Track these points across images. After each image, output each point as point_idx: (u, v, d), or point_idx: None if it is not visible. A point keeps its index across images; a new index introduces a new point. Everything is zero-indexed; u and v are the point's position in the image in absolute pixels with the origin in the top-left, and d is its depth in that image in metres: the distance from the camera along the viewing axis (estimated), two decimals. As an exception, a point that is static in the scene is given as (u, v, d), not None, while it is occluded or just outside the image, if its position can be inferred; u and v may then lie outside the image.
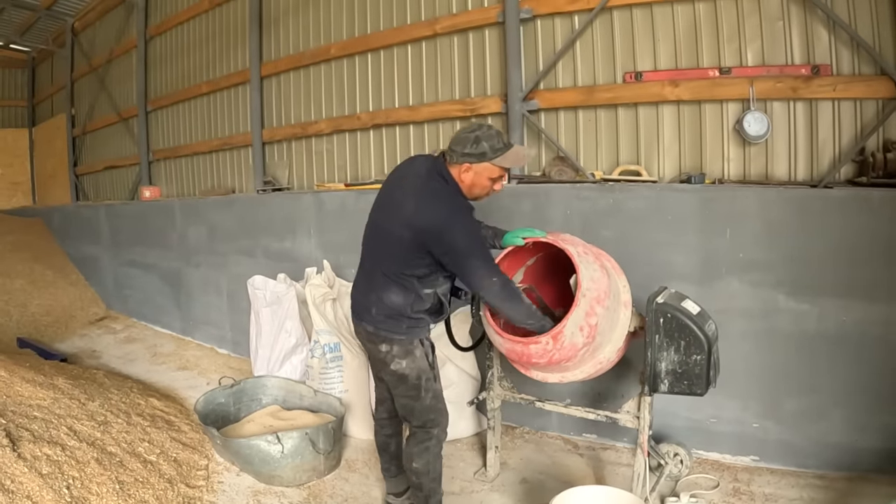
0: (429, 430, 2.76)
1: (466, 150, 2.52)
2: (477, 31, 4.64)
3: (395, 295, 2.62)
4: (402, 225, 2.53)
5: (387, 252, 2.63)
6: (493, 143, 2.51)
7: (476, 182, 2.58)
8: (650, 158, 4.02)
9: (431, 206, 2.50)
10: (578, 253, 2.59)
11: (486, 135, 2.52)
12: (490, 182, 2.59)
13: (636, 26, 4.00)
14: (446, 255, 2.50)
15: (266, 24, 6.27)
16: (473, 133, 2.53)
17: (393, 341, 2.67)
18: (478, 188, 2.60)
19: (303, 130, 5.97)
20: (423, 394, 2.72)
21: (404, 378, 2.71)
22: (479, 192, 2.62)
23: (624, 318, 2.69)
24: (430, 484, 2.79)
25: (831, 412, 3.22)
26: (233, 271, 5.71)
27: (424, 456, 2.76)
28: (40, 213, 9.39)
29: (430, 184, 2.57)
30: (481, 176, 2.56)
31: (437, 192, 2.55)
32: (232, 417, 3.97)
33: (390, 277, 2.62)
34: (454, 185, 2.58)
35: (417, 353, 2.70)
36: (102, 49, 9.08)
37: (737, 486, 3.19)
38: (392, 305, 2.63)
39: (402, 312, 2.64)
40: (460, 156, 2.54)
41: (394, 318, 2.65)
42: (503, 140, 2.55)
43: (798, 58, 3.61)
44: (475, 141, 2.51)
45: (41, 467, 2.82)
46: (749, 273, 3.31)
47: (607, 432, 3.73)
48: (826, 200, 3.20)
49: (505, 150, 2.54)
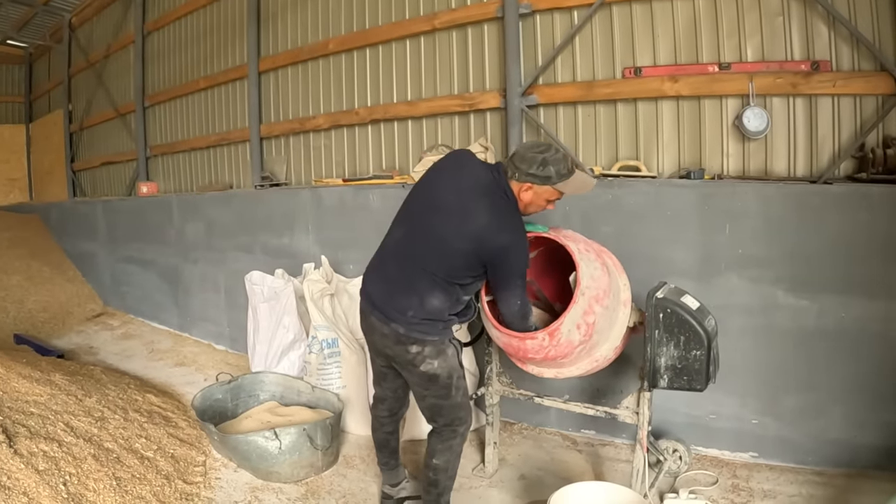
0: (455, 427, 2.73)
1: (532, 170, 2.51)
2: (476, 26, 4.63)
3: (437, 299, 2.58)
4: (468, 236, 2.50)
5: (440, 257, 2.56)
6: (559, 169, 2.52)
7: (534, 202, 2.59)
8: (649, 154, 4.01)
9: (503, 224, 2.51)
10: (579, 250, 2.59)
11: (554, 159, 2.52)
12: (546, 202, 2.62)
13: (635, 21, 3.99)
14: (497, 270, 2.53)
15: (264, 19, 6.25)
16: (542, 155, 2.52)
17: (426, 343, 2.62)
18: (533, 207, 2.62)
19: (301, 126, 5.95)
20: (454, 392, 2.69)
21: (435, 378, 2.66)
22: (533, 211, 2.65)
23: (623, 317, 2.69)
24: (446, 481, 2.78)
25: (830, 409, 3.22)
26: (231, 267, 5.69)
27: (446, 454, 2.74)
28: (37, 209, 9.35)
29: (498, 200, 2.56)
30: (540, 197, 2.58)
31: (508, 211, 2.56)
32: (229, 413, 3.95)
33: (437, 282, 2.57)
34: (514, 201, 2.59)
35: (449, 353, 2.68)
36: (100, 44, 9.05)
37: (736, 483, 3.19)
38: (432, 309, 2.59)
39: (441, 317, 2.62)
40: (524, 175, 2.53)
41: (430, 321, 2.61)
42: (568, 165, 2.55)
43: (798, 53, 3.60)
44: (542, 164, 2.50)
45: (38, 464, 2.80)
46: (748, 269, 3.30)
47: (606, 428, 3.73)
48: (825, 196, 3.20)
49: (569, 176, 2.54)
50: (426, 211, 2.63)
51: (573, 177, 2.55)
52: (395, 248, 2.70)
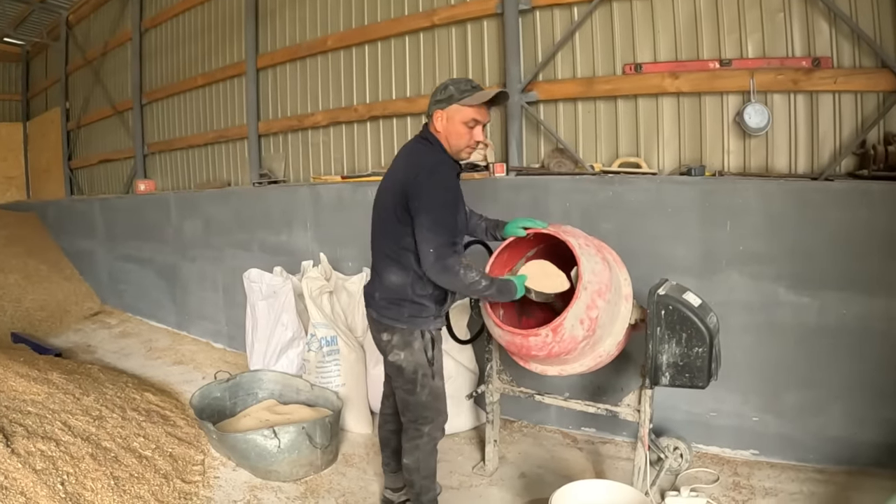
0: (419, 426, 2.70)
1: (436, 97, 2.55)
2: (475, 22, 4.61)
3: (394, 275, 2.58)
4: (392, 191, 2.54)
5: (382, 228, 2.62)
6: (460, 86, 2.51)
7: (450, 129, 2.54)
8: (650, 150, 3.99)
9: (412, 160, 2.55)
10: (580, 245, 2.57)
11: (454, 81, 2.56)
12: (466, 129, 2.54)
13: (636, 17, 3.97)
14: (414, 213, 2.45)
15: (262, 15, 6.23)
16: (443, 83, 2.57)
17: (394, 330, 2.61)
18: (454, 136, 2.55)
19: (299, 123, 5.93)
20: (419, 389, 2.64)
21: (401, 370, 2.64)
22: (458, 142, 2.56)
23: (625, 311, 2.67)
24: (421, 481, 2.74)
25: (831, 406, 3.21)
26: (229, 265, 5.67)
27: (415, 453, 2.71)
28: (34, 207, 9.31)
29: (414, 148, 2.62)
30: (454, 122, 2.53)
31: (419, 149, 2.59)
32: (228, 412, 3.93)
33: (389, 255, 2.59)
34: (436, 142, 2.58)
35: (416, 346, 2.61)
36: (97, 42, 9.02)
37: (737, 480, 3.17)
38: (393, 287, 2.59)
39: (404, 295, 2.58)
40: (433, 105, 2.57)
41: (396, 304, 2.59)
42: (472, 84, 2.54)
43: (799, 50, 3.59)
44: (443, 88, 2.54)
45: (35, 463, 2.79)
46: (749, 266, 3.29)
47: (606, 426, 3.72)
48: (827, 193, 3.19)
49: (472, 92, 2.51)
50: (377, 195, 2.71)
51: (478, 92, 2.52)
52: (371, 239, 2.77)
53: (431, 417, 2.70)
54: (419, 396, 2.66)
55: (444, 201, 2.45)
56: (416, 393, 2.65)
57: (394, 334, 2.62)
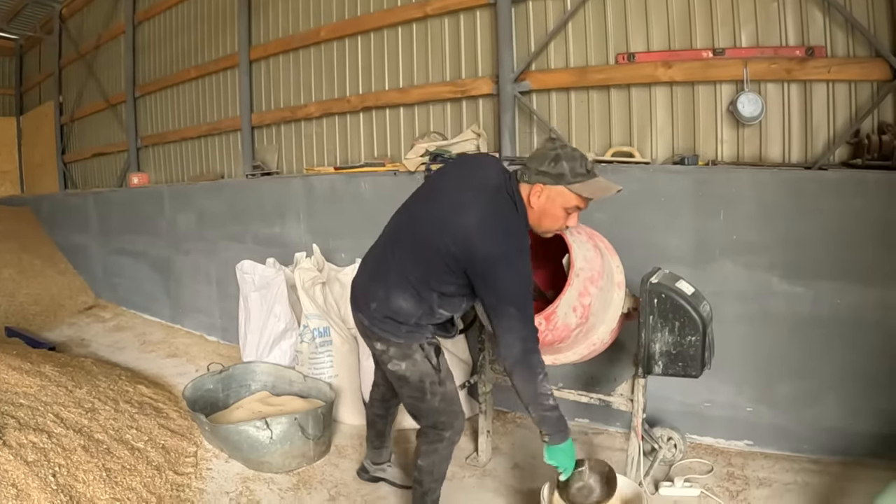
0: (440, 431, 2.58)
1: (543, 167, 2.24)
2: (468, 12, 4.58)
3: (405, 301, 2.39)
4: (452, 231, 2.25)
5: (418, 255, 2.37)
6: (575, 166, 2.23)
7: (547, 209, 2.29)
8: (643, 140, 3.98)
9: (496, 229, 2.23)
10: (571, 233, 2.56)
11: (569, 155, 2.24)
12: (564, 213, 2.31)
13: (629, 7, 3.94)
14: (485, 289, 2.25)
15: (255, 7, 6.18)
16: (554, 151, 2.25)
17: (389, 342, 2.47)
18: (548, 218, 2.32)
19: (292, 114, 5.90)
20: (430, 397, 2.52)
21: (405, 379, 2.52)
22: (549, 225, 2.35)
23: (617, 299, 2.66)
24: (430, 483, 2.67)
25: (825, 396, 3.21)
26: (222, 257, 5.65)
27: (431, 456, 2.62)
28: (28, 201, 9.28)
29: (499, 202, 2.29)
30: (555, 203, 2.28)
31: (508, 217, 2.28)
32: (221, 404, 3.92)
33: (409, 281, 2.37)
34: (523, 211, 2.32)
35: (417, 357, 2.48)
36: (90, 35, 8.95)
37: (731, 471, 3.18)
38: (397, 310, 2.41)
39: (405, 320, 2.43)
40: (535, 174, 2.27)
41: (393, 322, 2.43)
42: (586, 166, 2.26)
43: (792, 39, 3.57)
44: (555, 160, 2.23)
45: (27, 455, 2.78)
46: (743, 255, 3.28)
47: (600, 417, 3.71)
48: (820, 182, 3.18)
49: (587, 178, 2.25)
50: (424, 200, 2.49)
51: (592, 179, 2.26)
52: (384, 237, 2.59)
53: (449, 422, 2.58)
54: (431, 403, 2.54)
55: (526, 295, 2.24)
56: (427, 400, 2.54)
57: (389, 346, 2.49)
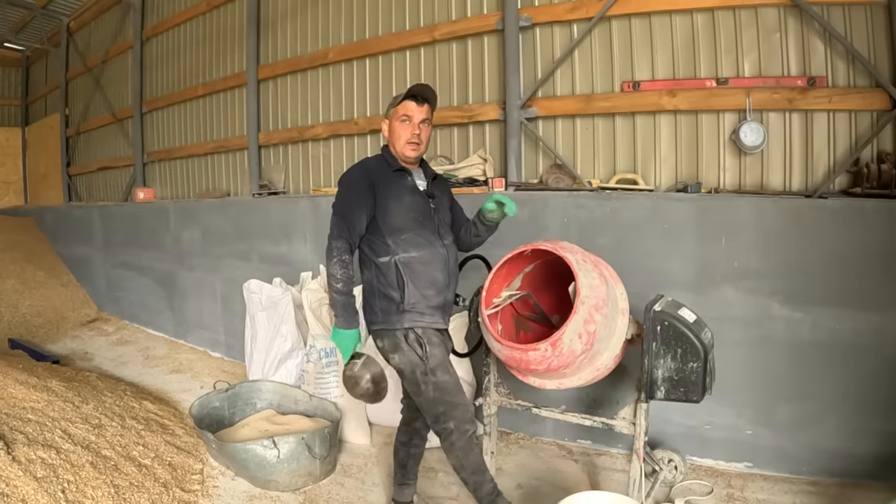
0: (444, 425, 2.67)
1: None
2: (476, 38, 4.67)
3: (364, 272, 2.76)
4: None
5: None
6: (397, 98, 2.77)
7: (392, 129, 2.78)
8: (647, 167, 4.05)
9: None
10: (577, 260, 2.60)
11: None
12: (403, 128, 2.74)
13: (634, 36, 4.04)
14: None
15: (264, 26, 6.28)
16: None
17: (379, 334, 2.74)
18: (395, 135, 2.77)
19: (300, 135, 5.97)
20: (423, 387, 2.67)
21: (402, 373, 2.73)
22: (399, 138, 2.75)
23: (622, 326, 2.70)
24: (470, 477, 2.72)
25: (824, 419, 3.25)
26: (227, 275, 5.69)
27: (452, 452, 2.70)
28: (32, 213, 9.33)
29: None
30: (392, 125, 2.77)
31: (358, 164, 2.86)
32: (226, 422, 3.95)
33: (362, 252, 2.78)
34: (388, 152, 2.83)
35: (404, 347, 2.68)
36: (98, 49, 9.05)
37: (731, 493, 3.21)
38: (365, 286, 2.77)
39: (371, 290, 2.73)
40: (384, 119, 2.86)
41: (369, 304, 2.75)
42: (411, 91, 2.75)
43: (794, 69, 3.65)
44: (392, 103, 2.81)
45: (36, 471, 2.79)
46: (744, 281, 3.34)
47: (602, 438, 3.75)
48: (821, 210, 3.24)
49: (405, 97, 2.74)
50: None
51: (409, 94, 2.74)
52: None
53: (448, 412, 2.67)
54: (426, 395, 2.68)
55: (340, 193, 2.73)
56: (422, 392, 2.69)
57: (383, 339, 2.73)
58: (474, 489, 2.75)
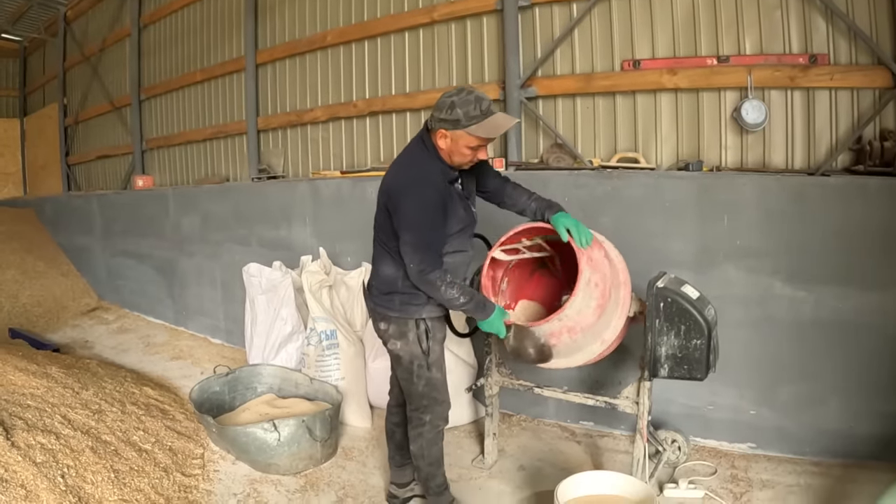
0: (420, 415, 2.74)
1: (441, 115, 2.40)
2: (475, 18, 4.63)
3: (387, 266, 2.62)
4: (383, 190, 2.57)
5: (378, 221, 2.64)
6: (469, 111, 2.36)
7: (454, 150, 2.46)
8: (648, 146, 4.02)
9: (401, 168, 2.55)
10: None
11: (463, 101, 2.37)
12: (470, 151, 2.46)
13: (634, 14, 4.00)
14: (397, 227, 2.47)
15: (262, 11, 6.23)
16: (450, 98, 2.39)
17: (390, 319, 2.66)
18: (457, 155, 2.48)
19: (298, 118, 5.94)
20: (416, 379, 2.69)
21: (399, 360, 2.71)
22: (460, 160, 2.50)
23: (625, 297, 2.68)
24: (426, 468, 2.80)
25: (827, 399, 3.23)
26: (227, 260, 5.67)
27: (418, 441, 2.76)
28: (32, 203, 9.30)
29: (410, 148, 2.60)
30: (458, 144, 2.43)
31: (412, 155, 2.56)
32: (227, 406, 3.94)
33: (383, 248, 2.63)
34: (433, 150, 2.50)
35: (410, 337, 2.66)
36: (95, 38, 9.01)
37: (734, 473, 3.20)
38: (385, 279, 2.64)
39: (394, 287, 2.62)
40: (437, 122, 2.43)
41: (387, 294, 2.65)
42: (481, 107, 2.38)
43: (796, 47, 3.61)
44: (450, 107, 2.38)
45: (35, 456, 2.79)
46: (746, 260, 3.31)
47: (604, 419, 3.74)
48: (823, 188, 3.21)
49: (482, 119, 2.38)
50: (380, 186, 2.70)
51: (487, 120, 2.39)
52: None
53: (430, 406, 2.74)
54: (416, 386, 2.71)
55: (422, 222, 2.43)
56: (414, 383, 2.70)
57: (390, 324, 2.67)
58: (426, 479, 2.83)
